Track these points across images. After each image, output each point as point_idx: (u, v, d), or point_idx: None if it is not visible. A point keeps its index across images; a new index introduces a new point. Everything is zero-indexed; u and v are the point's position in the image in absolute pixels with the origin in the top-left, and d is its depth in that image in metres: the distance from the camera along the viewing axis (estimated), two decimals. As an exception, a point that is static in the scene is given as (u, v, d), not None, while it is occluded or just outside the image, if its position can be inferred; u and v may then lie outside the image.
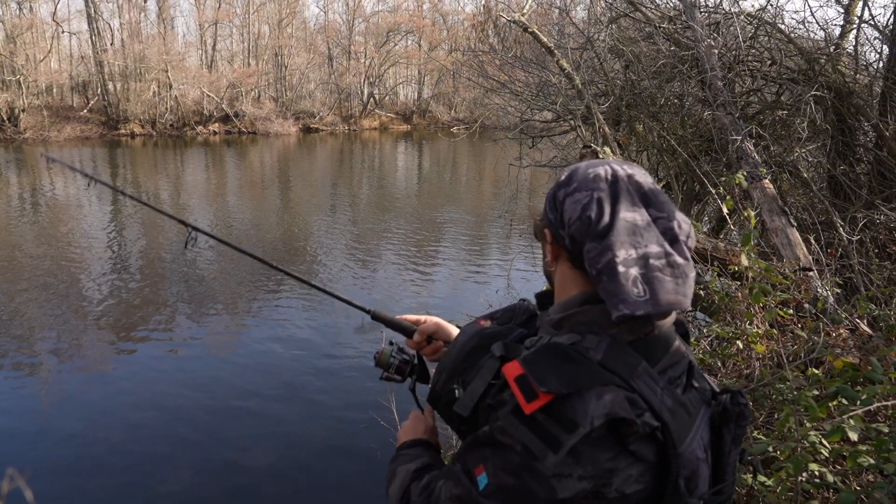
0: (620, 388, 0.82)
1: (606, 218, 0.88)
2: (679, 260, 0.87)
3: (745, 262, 2.40)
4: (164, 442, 5.01)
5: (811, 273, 3.46)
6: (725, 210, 2.97)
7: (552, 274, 1.01)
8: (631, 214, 0.88)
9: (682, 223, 0.91)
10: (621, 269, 0.85)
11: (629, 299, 0.84)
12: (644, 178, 0.94)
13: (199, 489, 4.50)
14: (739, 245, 2.70)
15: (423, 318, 1.32)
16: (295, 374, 6.27)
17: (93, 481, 4.55)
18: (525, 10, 6.21)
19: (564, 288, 0.97)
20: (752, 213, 2.69)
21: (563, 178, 0.97)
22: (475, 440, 0.90)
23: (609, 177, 0.92)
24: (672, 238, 0.89)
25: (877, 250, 4.14)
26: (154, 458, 4.81)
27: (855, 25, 5.79)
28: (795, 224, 4.05)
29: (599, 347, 0.86)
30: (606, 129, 5.03)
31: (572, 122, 6.21)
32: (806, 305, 3.01)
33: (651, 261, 0.86)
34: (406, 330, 1.31)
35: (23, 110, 32.52)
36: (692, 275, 0.90)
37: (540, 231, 1.01)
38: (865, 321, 3.03)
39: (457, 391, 1.01)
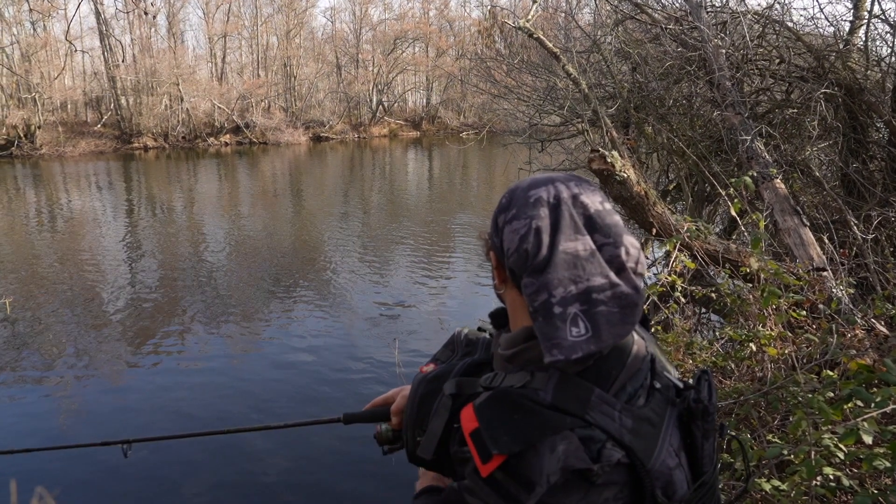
0: (575, 430, 0.80)
1: (545, 251, 0.84)
2: (625, 290, 0.83)
3: (754, 265, 2.38)
4: (178, 453, 5.05)
5: (825, 273, 3.43)
6: (734, 212, 2.96)
7: (503, 296, 0.98)
8: (572, 245, 0.84)
9: (631, 248, 0.86)
10: (557, 309, 0.82)
11: (564, 343, 0.81)
12: (591, 197, 0.88)
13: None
14: (749, 248, 2.69)
15: (390, 394, 1.30)
16: (311, 385, 6.29)
17: (111, 493, 4.60)
18: (530, 17, 6.22)
19: (516, 313, 0.94)
20: (762, 217, 2.67)
21: (503, 200, 0.93)
22: (450, 495, 0.90)
23: (551, 199, 0.87)
24: (619, 267, 0.84)
25: (892, 248, 4.10)
26: (168, 469, 4.86)
27: (865, 21, 5.74)
28: (808, 224, 4.02)
29: (549, 386, 0.84)
30: (614, 132, 5.03)
31: (580, 125, 6.21)
32: (820, 306, 2.98)
33: (594, 295, 0.82)
34: (383, 415, 1.30)
35: (38, 127, 33.04)
36: (641, 301, 0.85)
37: (486, 253, 0.97)
38: (882, 321, 3.00)
39: (420, 441, 1.00)
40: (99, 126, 36.36)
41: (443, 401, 0.97)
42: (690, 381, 0.96)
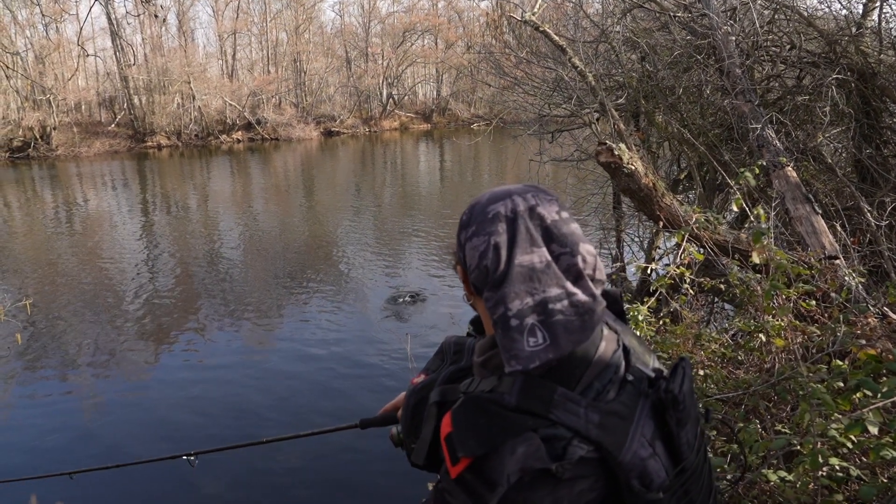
0: (538, 431, 0.83)
1: (502, 266, 0.87)
2: (582, 298, 0.86)
3: (756, 259, 2.38)
4: (196, 445, 5.13)
5: (838, 261, 3.40)
6: (735, 207, 2.95)
7: (475, 307, 1.01)
8: (528, 258, 0.87)
9: (588, 256, 0.89)
10: (514, 322, 0.85)
11: (521, 354, 0.84)
12: (548, 208, 0.90)
13: (228, 494, 4.62)
14: (752, 241, 2.68)
15: (399, 399, 1.38)
16: (328, 388, 6.35)
17: (130, 486, 4.70)
18: (536, 9, 6.19)
19: (487, 322, 0.97)
20: (763, 213, 2.66)
21: (464, 217, 0.96)
22: (435, 494, 0.94)
23: (508, 213, 0.89)
24: (576, 275, 0.87)
25: (906, 235, 4.05)
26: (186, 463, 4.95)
27: (878, 2, 5.65)
28: (820, 211, 3.97)
29: (514, 389, 0.87)
30: (621, 125, 5.00)
31: (587, 117, 6.19)
32: (833, 295, 2.96)
33: (550, 305, 0.85)
34: (393, 419, 1.38)
35: (54, 128, 33.47)
36: (601, 307, 0.88)
37: (454, 267, 1.01)
38: (896, 308, 2.97)
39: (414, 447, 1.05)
40: (113, 126, 36.73)
41: (430, 409, 1.02)
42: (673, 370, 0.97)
